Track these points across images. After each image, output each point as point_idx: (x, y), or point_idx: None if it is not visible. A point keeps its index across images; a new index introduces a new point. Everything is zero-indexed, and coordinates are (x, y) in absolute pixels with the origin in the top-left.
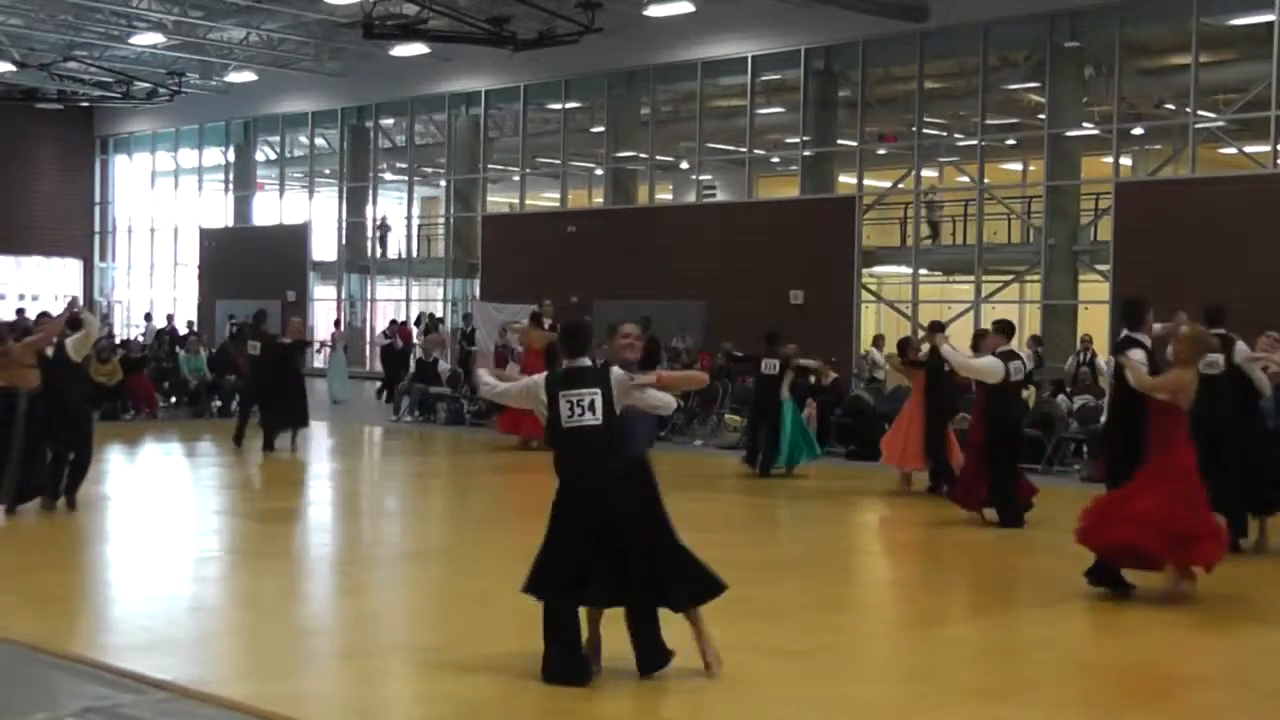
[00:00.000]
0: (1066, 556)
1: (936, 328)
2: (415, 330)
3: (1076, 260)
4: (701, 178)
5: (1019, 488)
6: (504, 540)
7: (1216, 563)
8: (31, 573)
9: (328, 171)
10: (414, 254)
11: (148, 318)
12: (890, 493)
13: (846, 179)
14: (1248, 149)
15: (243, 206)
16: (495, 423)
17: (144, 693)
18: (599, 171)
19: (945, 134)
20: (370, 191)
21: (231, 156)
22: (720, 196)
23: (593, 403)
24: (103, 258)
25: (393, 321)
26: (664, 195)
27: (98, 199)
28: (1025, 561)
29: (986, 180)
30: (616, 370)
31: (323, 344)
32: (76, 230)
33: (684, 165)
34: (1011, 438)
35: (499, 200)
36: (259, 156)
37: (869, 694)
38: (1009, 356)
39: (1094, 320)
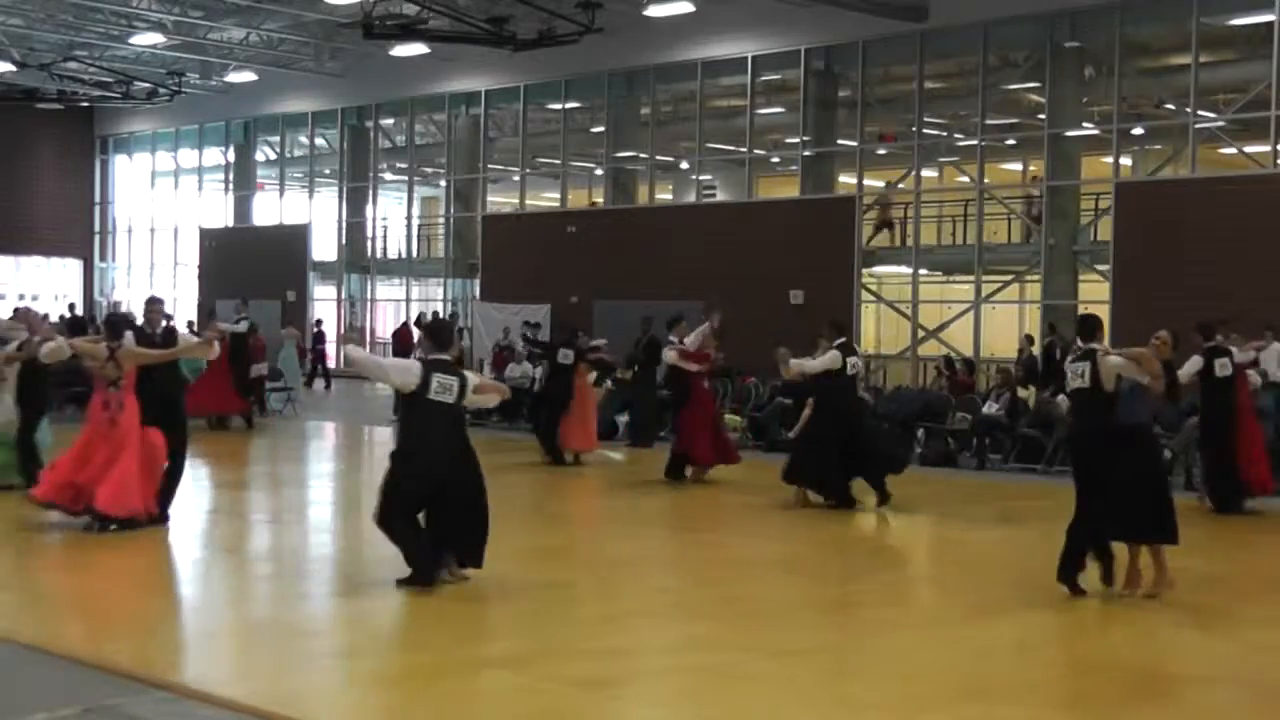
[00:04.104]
0: None
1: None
2: (415, 331)
3: (1076, 260)
4: (701, 178)
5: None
6: (503, 540)
7: None
8: (31, 573)
9: (328, 171)
10: (414, 254)
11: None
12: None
13: (846, 179)
14: (1248, 149)
15: (243, 206)
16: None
17: (144, 693)
18: (599, 171)
19: (945, 134)
20: (370, 191)
21: (231, 156)
22: (720, 196)
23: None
24: (103, 258)
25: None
26: (664, 195)
27: (98, 199)
28: (1025, 561)
29: (986, 180)
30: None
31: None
32: (76, 230)
33: (684, 165)
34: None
35: (499, 200)
36: (259, 156)
37: (868, 694)
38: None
39: None
